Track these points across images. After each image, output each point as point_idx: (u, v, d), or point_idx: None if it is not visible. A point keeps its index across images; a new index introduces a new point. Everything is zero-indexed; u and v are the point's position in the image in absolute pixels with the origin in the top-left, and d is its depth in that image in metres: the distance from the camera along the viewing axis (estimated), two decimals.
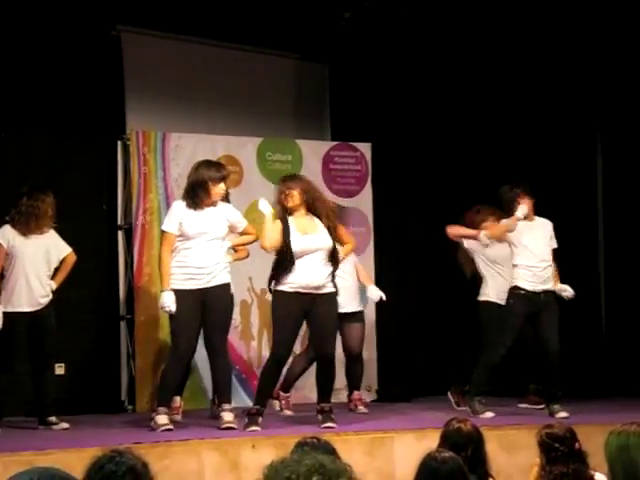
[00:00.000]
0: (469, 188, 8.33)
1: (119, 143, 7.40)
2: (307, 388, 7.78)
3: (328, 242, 5.86)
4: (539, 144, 8.26)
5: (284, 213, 5.93)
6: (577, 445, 3.95)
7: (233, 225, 5.90)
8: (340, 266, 6.08)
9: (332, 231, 5.91)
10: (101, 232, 7.35)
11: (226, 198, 6.07)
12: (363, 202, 8.12)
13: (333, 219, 5.96)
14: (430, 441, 4.18)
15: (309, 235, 5.84)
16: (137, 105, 7.50)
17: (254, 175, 7.86)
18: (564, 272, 6.71)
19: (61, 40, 7.11)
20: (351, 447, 5.22)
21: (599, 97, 8.22)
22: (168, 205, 7.29)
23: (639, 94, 7.92)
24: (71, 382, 6.98)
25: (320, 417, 5.85)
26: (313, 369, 6.33)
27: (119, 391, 7.20)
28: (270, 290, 6.00)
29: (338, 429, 5.72)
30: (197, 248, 5.68)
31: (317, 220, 5.92)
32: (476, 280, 7.18)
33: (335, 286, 5.92)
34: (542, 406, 6.68)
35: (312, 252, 5.81)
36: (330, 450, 3.34)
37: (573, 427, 4.09)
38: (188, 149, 7.55)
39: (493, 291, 6.99)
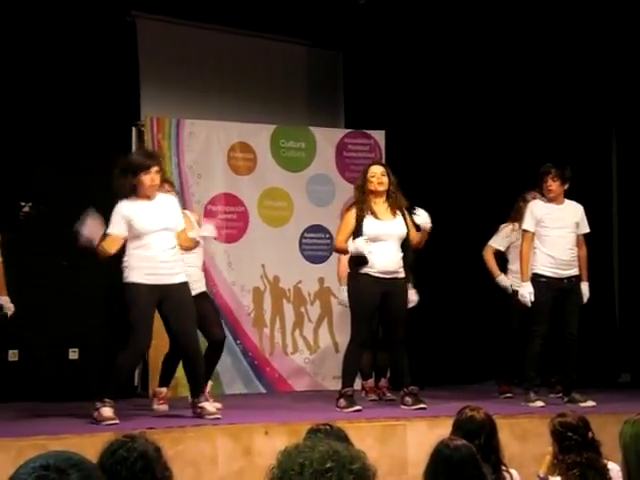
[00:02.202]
0: (483, 176, 8.32)
1: (134, 129, 7.42)
2: (320, 375, 7.81)
3: (402, 229, 6.03)
4: (554, 135, 8.23)
5: (362, 198, 6.04)
6: (590, 434, 3.94)
7: None
8: None
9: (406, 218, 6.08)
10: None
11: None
12: None
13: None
14: (442, 429, 4.18)
15: (385, 221, 6.01)
16: (152, 91, 7.51)
17: (268, 162, 7.86)
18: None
19: (76, 26, 7.11)
20: (363, 434, 5.23)
21: (615, 91, 8.18)
22: (182, 191, 7.33)
23: None
24: (84, 367, 7.02)
25: (410, 400, 6.03)
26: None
27: (132, 376, 7.23)
28: (351, 272, 6.08)
29: (350, 416, 5.73)
30: (153, 241, 5.44)
31: (393, 206, 6.08)
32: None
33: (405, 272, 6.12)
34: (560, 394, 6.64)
35: (386, 238, 5.96)
36: (342, 437, 3.35)
37: (586, 416, 4.08)
38: (202, 136, 7.57)
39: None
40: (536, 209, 6.47)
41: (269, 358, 7.71)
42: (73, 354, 7.09)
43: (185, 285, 5.56)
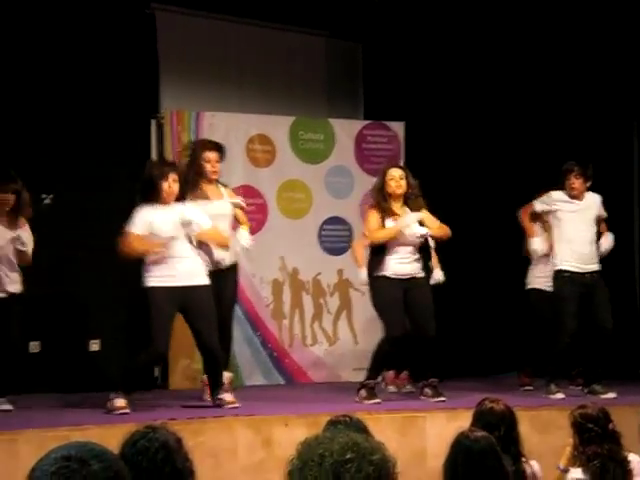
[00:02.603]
0: (504, 169, 8.28)
1: (153, 122, 7.43)
2: (339, 367, 7.82)
3: (420, 234, 6.08)
4: (575, 129, 8.18)
5: (383, 200, 6.12)
6: (611, 426, 3.94)
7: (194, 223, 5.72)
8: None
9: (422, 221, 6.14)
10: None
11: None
12: None
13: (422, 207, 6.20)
14: (461, 421, 4.19)
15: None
16: (171, 84, 7.51)
17: (287, 154, 7.86)
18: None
19: (95, 19, 7.13)
20: (383, 426, 5.24)
21: (636, 87, 8.11)
22: None
23: None
24: (105, 359, 7.05)
25: (430, 391, 6.07)
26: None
27: (152, 368, 7.26)
28: (371, 275, 6.11)
29: (370, 408, 5.74)
30: (171, 246, 5.59)
31: (408, 210, 6.15)
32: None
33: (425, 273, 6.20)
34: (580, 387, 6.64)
35: (405, 242, 6.03)
36: (362, 428, 3.35)
37: (606, 408, 4.07)
38: (221, 128, 7.57)
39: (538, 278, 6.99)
40: (556, 197, 6.50)
41: (288, 350, 7.73)
42: (94, 346, 7.13)
43: (205, 287, 5.68)
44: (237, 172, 7.63)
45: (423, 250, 6.17)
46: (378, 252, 6.10)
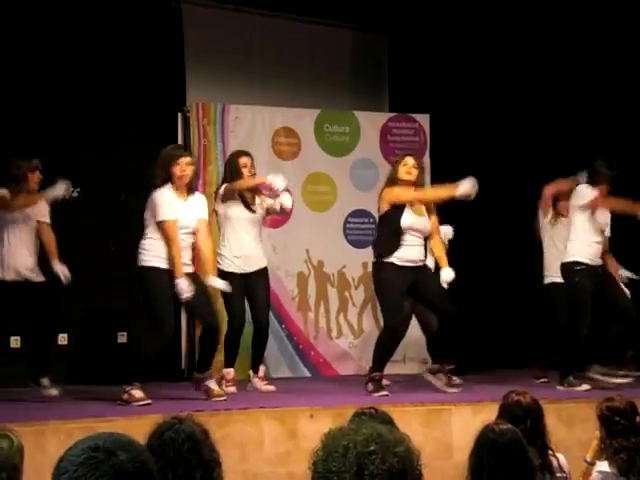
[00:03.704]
0: (529, 160, 8.23)
1: (179, 115, 7.46)
2: (364, 360, 7.81)
3: (430, 227, 6.16)
4: (602, 114, 8.11)
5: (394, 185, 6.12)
6: (638, 419, 3.92)
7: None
8: None
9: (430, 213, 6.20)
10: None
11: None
12: None
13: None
14: (487, 414, 4.18)
15: (419, 217, 6.10)
16: (197, 77, 7.54)
17: (312, 147, 7.87)
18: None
19: (122, 12, 7.16)
20: (408, 418, 5.23)
21: None
22: None
23: None
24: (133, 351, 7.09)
25: (444, 378, 6.18)
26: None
27: (179, 360, 7.30)
28: (377, 261, 6.10)
29: (395, 400, 5.74)
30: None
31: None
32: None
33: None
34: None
35: (417, 232, 6.05)
36: (387, 420, 3.35)
37: (633, 401, 4.05)
38: (247, 121, 7.59)
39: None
40: (589, 194, 6.43)
41: (314, 342, 7.74)
42: (122, 338, 7.18)
43: (195, 274, 5.76)
44: (262, 165, 7.63)
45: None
46: (391, 234, 6.04)
